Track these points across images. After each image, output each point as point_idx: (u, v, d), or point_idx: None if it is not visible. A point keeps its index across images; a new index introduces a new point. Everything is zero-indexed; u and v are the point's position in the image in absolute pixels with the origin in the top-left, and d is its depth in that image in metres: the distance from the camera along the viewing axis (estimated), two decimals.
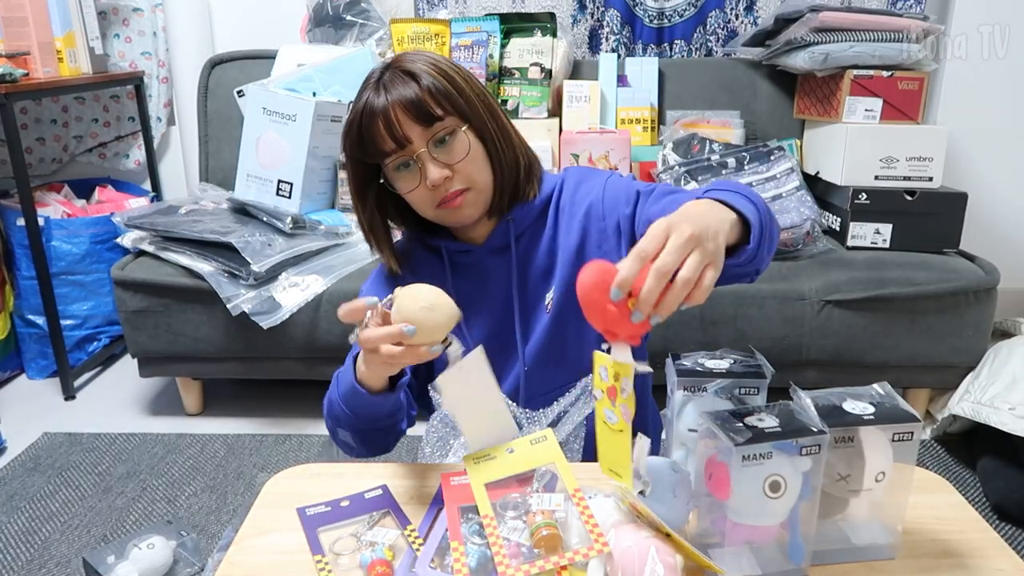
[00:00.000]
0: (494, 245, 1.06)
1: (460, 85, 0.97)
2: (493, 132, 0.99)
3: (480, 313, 1.07)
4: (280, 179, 2.16)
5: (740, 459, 0.67)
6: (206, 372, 2.12)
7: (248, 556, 0.79)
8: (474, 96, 0.98)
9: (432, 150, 0.96)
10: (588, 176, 1.11)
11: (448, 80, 0.96)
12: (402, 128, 0.94)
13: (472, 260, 1.07)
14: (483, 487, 0.79)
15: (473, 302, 1.05)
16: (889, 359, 1.94)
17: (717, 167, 2.10)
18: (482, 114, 0.98)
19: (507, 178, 1.01)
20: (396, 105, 0.94)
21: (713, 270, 0.69)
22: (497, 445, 0.85)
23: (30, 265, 2.26)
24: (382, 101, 0.95)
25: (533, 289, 1.06)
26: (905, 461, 0.73)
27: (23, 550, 1.61)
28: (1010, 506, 1.67)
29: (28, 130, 2.71)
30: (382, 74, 0.98)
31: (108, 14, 2.61)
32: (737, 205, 0.81)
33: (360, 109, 0.97)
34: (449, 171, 0.96)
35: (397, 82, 0.95)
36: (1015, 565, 0.75)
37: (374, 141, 0.96)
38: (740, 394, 0.79)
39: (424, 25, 2.30)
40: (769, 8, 2.48)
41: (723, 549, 0.72)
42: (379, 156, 0.97)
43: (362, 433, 0.97)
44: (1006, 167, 2.52)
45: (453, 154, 0.96)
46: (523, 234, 1.06)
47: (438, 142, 0.96)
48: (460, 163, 0.97)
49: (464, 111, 0.97)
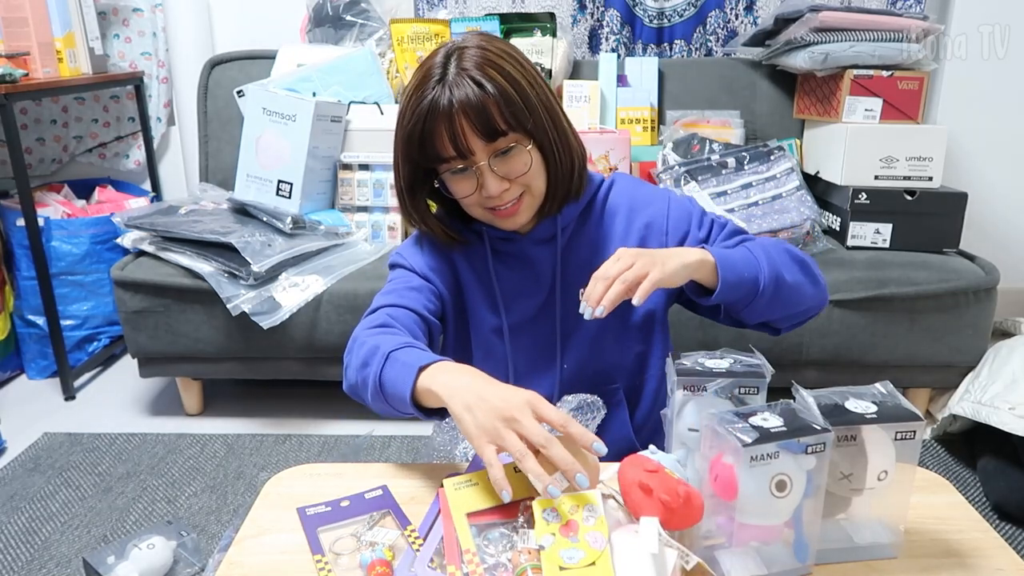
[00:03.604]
0: (538, 236, 1.06)
1: (526, 93, 0.94)
2: (553, 142, 0.97)
3: (520, 299, 1.08)
4: (280, 179, 2.16)
5: (748, 459, 0.67)
6: (206, 372, 2.12)
7: (248, 556, 0.79)
8: (539, 104, 0.95)
9: (492, 162, 0.94)
10: (643, 186, 1.12)
11: (515, 88, 0.92)
12: (466, 139, 0.92)
13: (515, 249, 1.07)
14: (464, 518, 0.75)
15: (514, 288, 1.07)
16: (889, 359, 1.94)
17: (717, 167, 2.10)
18: (544, 125, 0.96)
19: (561, 184, 1.01)
20: (461, 113, 0.91)
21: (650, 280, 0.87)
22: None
23: (30, 265, 2.26)
24: (446, 104, 0.90)
25: (576, 282, 1.04)
26: (907, 460, 0.73)
27: (23, 550, 1.61)
28: (1010, 506, 1.67)
29: (28, 130, 2.71)
30: (445, 67, 0.92)
31: (108, 14, 2.61)
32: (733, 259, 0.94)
33: (424, 110, 0.92)
34: (508, 183, 0.96)
35: (463, 84, 0.91)
36: (1015, 565, 0.75)
37: (435, 146, 0.94)
38: (740, 394, 0.79)
39: (424, 25, 2.30)
40: (769, 8, 2.48)
41: (730, 549, 0.72)
42: (437, 161, 0.96)
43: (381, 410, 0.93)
44: (1006, 167, 2.52)
45: (513, 167, 0.95)
46: (568, 226, 1.07)
47: (500, 153, 0.94)
48: (518, 177, 0.96)
49: (528, 125, 0.94)
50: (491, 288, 1.08)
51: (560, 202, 1.03)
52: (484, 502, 0.77)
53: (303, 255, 2.01)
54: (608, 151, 2.10)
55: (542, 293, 1.08)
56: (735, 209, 2.03)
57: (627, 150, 2.11)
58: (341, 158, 2.21)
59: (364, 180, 2.20)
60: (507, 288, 1.08)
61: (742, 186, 2.08)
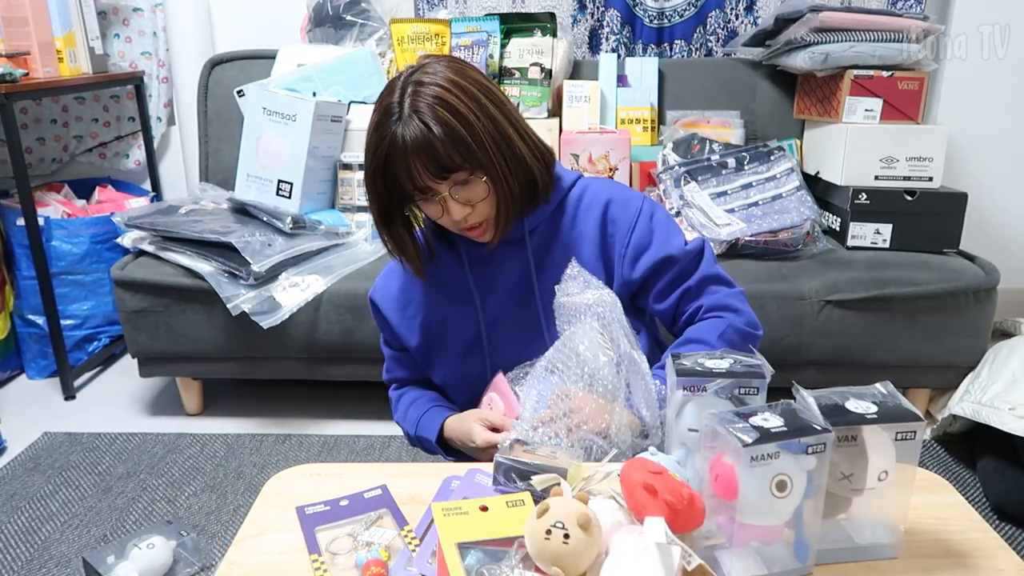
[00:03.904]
0: (508, 239, 1.12)
1: (474, 129, 0.99)
2: (502, 170, 1.03)
3: (495, 297, 1.15)
4: (280, 179, 2.16)
5: (748, 459, 0.67)
6: (206, 372, 2.12)
7: (248, 556, 0.79)
8: (486, 138, 1.00)
9: (453, 191, 1.01)
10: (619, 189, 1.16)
11: (464, 126, 0.98)
12: (424, 179, 1.00)
13: (486, 252, 1.13)
14: (455, 548, 0.70)
15: (489, 288, 1.15)
16: (889, 359, 1.94)
17: (717, 167, 2.10)
18: (492, 156, 1.01)
19: (514, 201, 1.06)
20: (415, 158, 0.98)
21: None
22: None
23: (30, 265, 2.25)
24: (400, 146, 0.98)
25: (551, 278, 1.10)
26: (908, 460, 0.73)
27: (23, 550, 1.61)
28: (1010, 506, 1.67)
29: (28, 130, 2.71)
30: (401, 104, 0.99)
31: (108, 14, 2.61)
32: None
33: (383, 152, 1.00)
34: (471, 208, 1.03)
35: (413, 125, 0.97)
36: (1015, 565, 0.75)
37: (397, 183, 1.02)
38: (740, 394, 0.79)
39: (424, 25, 2.30)
40: (769, 8, 2.48)
41: (730, 549, 0.72)
42: (402, 195, 1.04)
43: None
44: (1006, 167, 2.52)
45: (472, 195, 1.02)
46: (538, 228, 1.13)
47: (459, 183, 1.01)
48: (480, 202, 1.03)
49: (477, 159, 1.00)
50: (469, 293, 1.15)
51: (521, 210, 1.09)
52: (475, 534, 0.73)
53: (303, 255, 2.01)
54: (608, 151, 2.10)
55: (518, 293, 1.14)
56: (735, 209, 2.03)
57: (627, 150, 2.11)
58: (341, 158, 2.21)
59: None
60: (483, 291, 1.15)
61: (742, 186, 2.08)
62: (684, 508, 0.68)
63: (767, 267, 1.94)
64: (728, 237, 1.95)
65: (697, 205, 2.03)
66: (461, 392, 1.20)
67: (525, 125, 1.08)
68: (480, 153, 0.99)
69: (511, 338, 1.14)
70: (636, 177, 2.20)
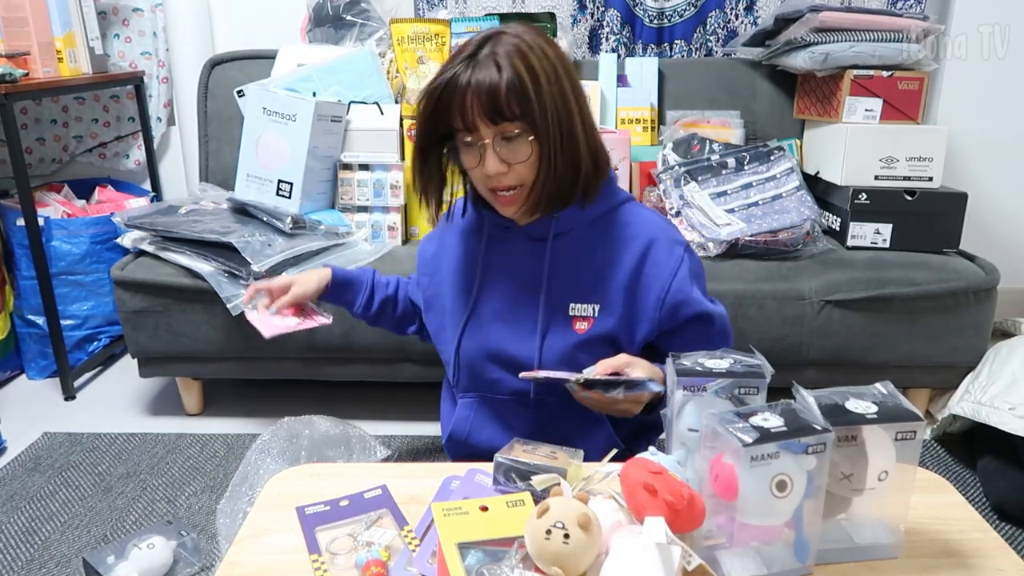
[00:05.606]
0: (533, 232, 1.11)
1: (541, 86, 0.98)
2: (554, 140, 1.01)
3: (501, 284, 1.14)
4: (280, 179, 2.16)
5: (748, 459, 0.67)
6: (206, 372, 2.12)
7: (248, 556, 0.79)
8: (551, 101, 0.99)
9: (496, 143, 1.00)
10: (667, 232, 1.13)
11: (532, 80, 0.98)
12: (474, 117, 0.98)
13: (509, 236, 1.13)
14: (455, 548, 0.70)
15: (498, 272, 1.14)
16: (889, 359, 1.94)
17: (717, 167, 2.10)
18: (551, 122, 1.00)
19: (551, 183, 1.04)
20: (474, 92, 0.97)
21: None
22: None
23: (30, 265, 2.25)
24: (464, 81, 0.97)
25: (560, 289, 1.10)
26: (908, 460, 0.73)
27: (23, 550, 1.61)
28: (1010, 506, 1.67)
29: (28, 130, 2.71)
30: (479, 47, 0.99)
31: (108, 14, 2.61)
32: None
33: (443, 81, 0.99)
34: (506, 167, 1.01)
35: (485, 66, 0.97)
36: (1015, 565, 0.75)
37: (447, 117, 1.00)
38: (740, 394, 0.79)
39: (424, 25, 2.30)
40: (769, 8, 2.48)
41: (730, 549, 0.72)
42: (448, 128, 1.02)
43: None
44: (1006, 167, 2.52)
45: (514, 153, 1.01)
46: (565, 234, 1.11)
47: (505, 138, 1.00)
48: (518, 164, 1.01)
49: (533, 117, 0.99)
50: (475, 266, 1.15)
51: (553, 202, 1.07)
52: (475, 534, 0.73)
53: (303, 255, 2.01)
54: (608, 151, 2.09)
55: (522, 286, 1.12)
56: (735, 209, 2.03)
57: (627, 150, 2.11)
58: (341, 158, 2.21)
59: (364, 180, 2.20)
60: (489, 267, 1.14)
61: (742, 186, 2.08)
62: (684, 508, 0.68)
63: (767, 267, 1.94)
64: (728, 237, 1.95)
65: (697, 205, 2.03)
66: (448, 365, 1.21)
67: (592, 119, 1.08)
68: (538, 113, 0.98)
69: (496, 324, 1.14)
70: (636, 177, 2.20)
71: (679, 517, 0.68)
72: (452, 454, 1.24)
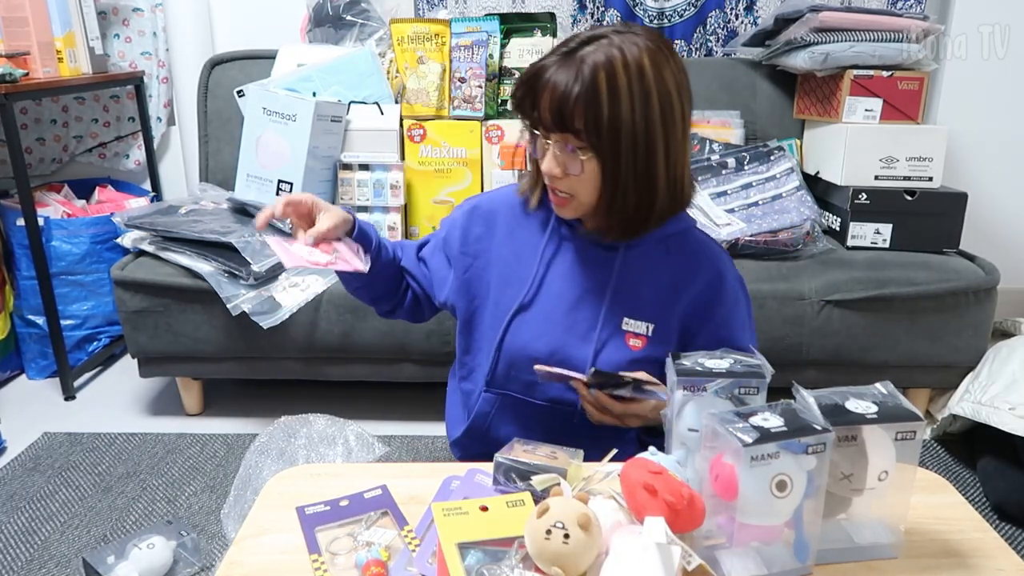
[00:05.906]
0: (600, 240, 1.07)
1: (619, 109, 0.92)
2: (627, 169, 0.95)
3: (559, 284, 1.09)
4: (280, 179, 2.15)
5: (748, 459, 0.67)
6: (206, 372, 2.12)
7: (248, 556, 0.79)
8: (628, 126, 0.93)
9: (557, 147, 0.97)
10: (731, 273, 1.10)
11: (611, 98, 0.91)
12: (539, 111, 0.96)
13: (577, 237, 1.09)
14: (455, 547, 0.70)
15: (560, 271, 1.09)
16: (889, 359, 1.94)
17: (717, 167, 2.10)
18: (623, 151, 0.94)
19: (619, 213, 1.00)
20: (550, 92, 0.94)
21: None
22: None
23: (30, 265, 2.25)
24: (546, 77, 0.94)
25: (619, 300, 1.06)
26: (908, 460, 0.73)
27: (23, 550, 1.61)
28: (1010, 506, 1.67)
29: (28, 130, 2.71)
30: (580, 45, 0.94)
31: (108, 14, 2.61)
32: None
33: (534, 70, 0.97)
34: (560, 172, 0.98)
35: (570, 68, 0.92)
36: (1015, 565, 0.75)
37: (523, 103, 0.98)
38: (740, 394, 0.79)
39: (424, 25, 2.30)
40: (769, 8, 2.48)
41: (730, 549, 0.72)
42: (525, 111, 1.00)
43: None
44: (1006, 167, 2.52)
45: (571, 166, 0.97)
46: (636, 247, 1.07)
47: (565, 146, 0.96)
48: (573, 176, 0.98)
49: (596, 141, 0.94)
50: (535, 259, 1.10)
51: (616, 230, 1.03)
52: (475, 534, 0.73)
53: None
54: None
55: (583, 292, 1.08)
56: (735, 209, 2.03)
57: None
58: (341, 158, 2.21)
59: (364, 180, 2.20)
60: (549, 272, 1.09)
61: (742, 186, 2.08)
62: (684, 508, 0.68)
63: (767, 267, 1.94)
64: (728, 237, 1.95)
65: (697, 205, 2.03)
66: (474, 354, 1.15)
67: (680, 153, 0.99)
68: (606, 136, 0.93)
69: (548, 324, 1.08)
70: None
71: (679, 517, 0.68)
72: (460, 452, 1.20)
